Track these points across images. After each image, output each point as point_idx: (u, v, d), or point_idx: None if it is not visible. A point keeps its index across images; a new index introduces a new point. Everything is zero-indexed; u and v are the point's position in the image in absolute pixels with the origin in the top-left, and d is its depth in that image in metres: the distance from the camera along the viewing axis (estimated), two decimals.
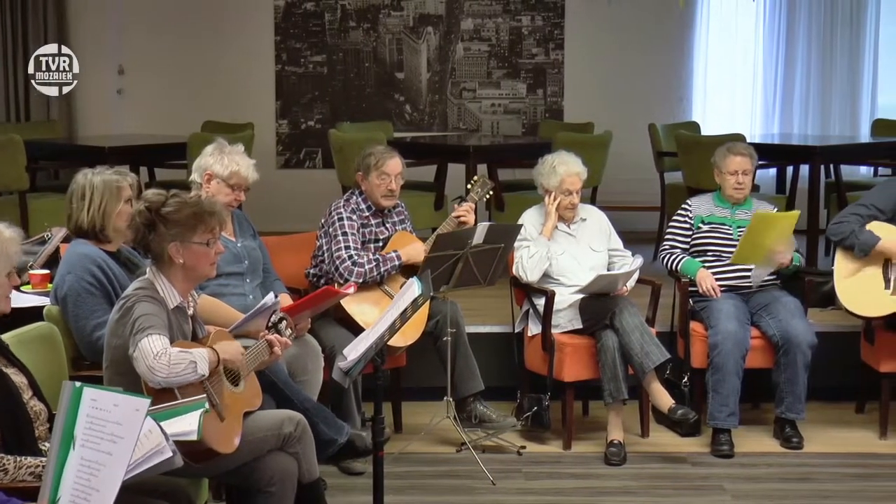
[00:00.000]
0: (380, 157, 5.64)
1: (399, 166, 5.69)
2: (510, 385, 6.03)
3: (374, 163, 5.63)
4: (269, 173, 9.77)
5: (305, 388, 4.84)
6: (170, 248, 3.91)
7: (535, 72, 10.21)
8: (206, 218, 3.97)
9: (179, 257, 3.92)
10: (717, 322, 5.68)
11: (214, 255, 4.02)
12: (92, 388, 3.14)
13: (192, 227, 3.94)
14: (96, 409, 3.10)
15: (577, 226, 5.94)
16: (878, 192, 5.87)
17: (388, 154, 5.69)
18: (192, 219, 3.94)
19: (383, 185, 5.63)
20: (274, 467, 3.98)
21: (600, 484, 5.30)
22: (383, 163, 5.63)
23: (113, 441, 3.04)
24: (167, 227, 3.91)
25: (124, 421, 3.06)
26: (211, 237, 3.98)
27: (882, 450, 5.71)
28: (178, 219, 3.93)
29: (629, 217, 8.57)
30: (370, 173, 5.64)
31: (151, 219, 3.93)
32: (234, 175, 5.11)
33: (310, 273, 5.72)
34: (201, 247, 3.95)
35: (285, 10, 10.07)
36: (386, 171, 5.63)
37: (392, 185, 5.64)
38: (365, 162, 5.67)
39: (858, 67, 10.19)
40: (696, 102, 10.26)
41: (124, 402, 3.09)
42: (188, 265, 3.95)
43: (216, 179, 5.11)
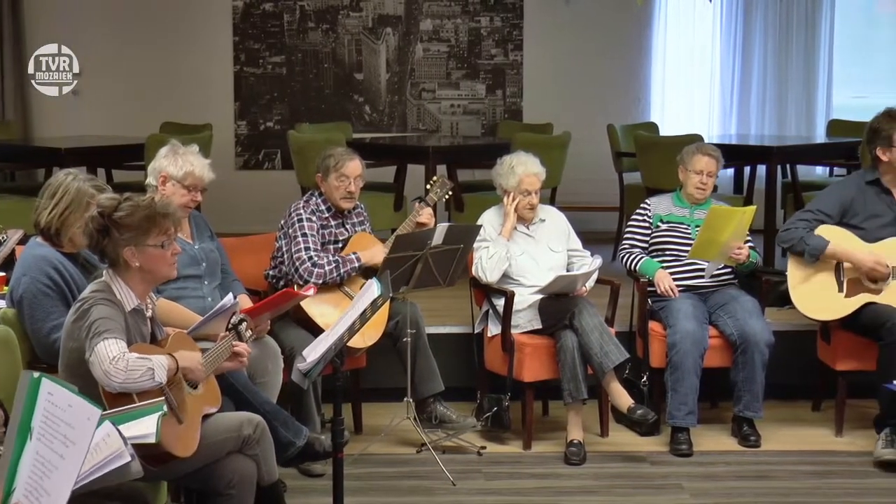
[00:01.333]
0: (339, 159, 5.63)
1: (359, 168, 5.68)
2: (470, 386, 6.04)
3: (334, 164, 5.62)
4: (227, 174, 9.75)
5: (265, 390, 4.83)
6: (125, 252, 3.89)
7: (494, 72, 10.23)
8: (160, 220, 3.95)
9: (135, 261, 3.90)
10: (676, 321, 5.71)
11: (171, 256, 4.00)
12: (50, 381, 3.10)
13: (145, 231, 3.91)
14: (52, 404, 3.06)
15: (535, 226, 5.95)
16: (823, 197, 5.92)
17: (347, 156, 5.68)
18: (146, 222, 3.92)
19: (342, 186, 5.62)
20: (233, 470, 3.97)
21: (560, 484, 5.32)
22: (343, 164, 5.62)
23: (65, 444, 3.01)
24: (120, 231, 3.89)
25: (77, 425, 3.03)
26: (166, 239, 3.96)
27: (838, 447, 5.76)
28: (132, 223, 3.90)
29: (588, 217, 8.60)
30: (329, 175, 5.63)
31: (104, 224, 3.90)
32: (188, 175, 5.08)
33: (269, 274, 5.71)
34: (156, 249, 3.93)
35: (243, 10, 10.03)
36: (345, 172, 5.62)
37: (351, 188, 5.63)
38: (324, 163, 5.66)
39: (814, 68, 10.28)
40: (654, 103, 10.31)
41: (78, 405, 3.05)
42: (145, 268, 3.93)
43: (171, 181, 5.07)
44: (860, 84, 10.85)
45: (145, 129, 8.45)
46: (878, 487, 5.24)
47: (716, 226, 5.73)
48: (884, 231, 5.71)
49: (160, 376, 3.74)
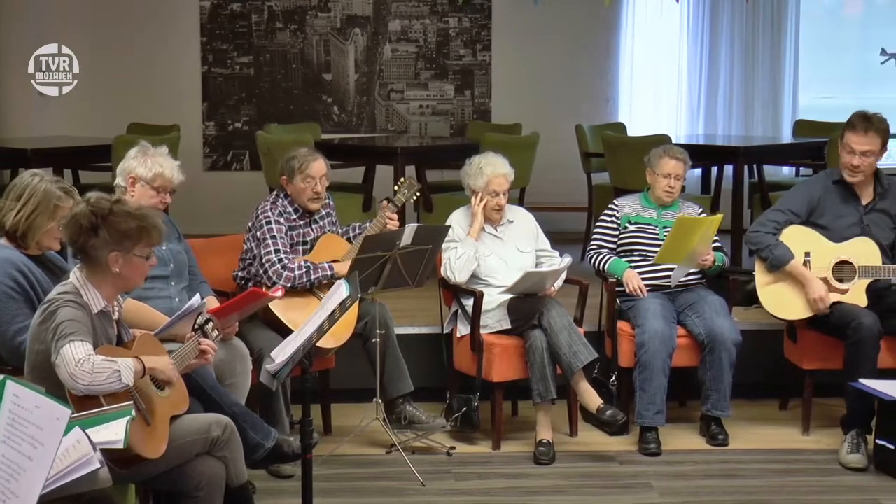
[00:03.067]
0: (303, 160, 5.61)
1: (323, 168, 5.66)
2: (439, 386, 6.04)
3: (298, 166, 5.60)
4: (195, 175, 9.67)
5: (233, 392, 4.81)
6: (110, 256, 3.88)
7: (462, 73, 10.24)
8: (151, 232, 3.96)
9: (117, 267, 3.89)
10: (644, 321, 5.74)
11: (149, 267, 4.01)
12: (15, 383, 3.09)
13: (136, 240, 3.92)
14: (18, 406, 3.04)
15: (504, 227, 5.96)
16: (792, 196, 5.96)
17: (311, 156, 5.65)
18: (138, 231, 3.92)
19: (309, 188, 5.60)
20: (201, 472, 3.96)
21: (529, 483, 5.33)
22: (307, 165, 5.60)
23: (33, 445, 2.99)
24: (111, 234, 3.88)
25: (45, 426, 3.01)
26: (150, 251, 3.97)
27: (805, 445, 5.80)
28: (125, 229, 3.90)
29: (557, 218, 8.62)
30: (295, 177, 5.61)
31: (96, 223, 3.88)
32: (158, 177, 5.06)
33: (237, 276, 5.69)
34: (140, 259, 3.95)
35: (211, 11, 10.00)
36: (311, 173, 5.60)
37: (318, 188, 5.62)
38: (289, 165, 5.63)
39: (780, 69, 10.34)
40: (622, 103, 10.35)
41: (46, 406, 3.04)
42: (123, 275, 3.92)
43: (140, 182, 5.05)
44: (826, 85, 10.94)
45: (113, 129, 8.41)
46: (844, 485, 5.28)
47: (682, 234, 5.76)
48: (849, 231, 5.75)
49: (126, 378, 3.73)
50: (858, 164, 5.69)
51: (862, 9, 11.39)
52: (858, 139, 5.66)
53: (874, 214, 5.79)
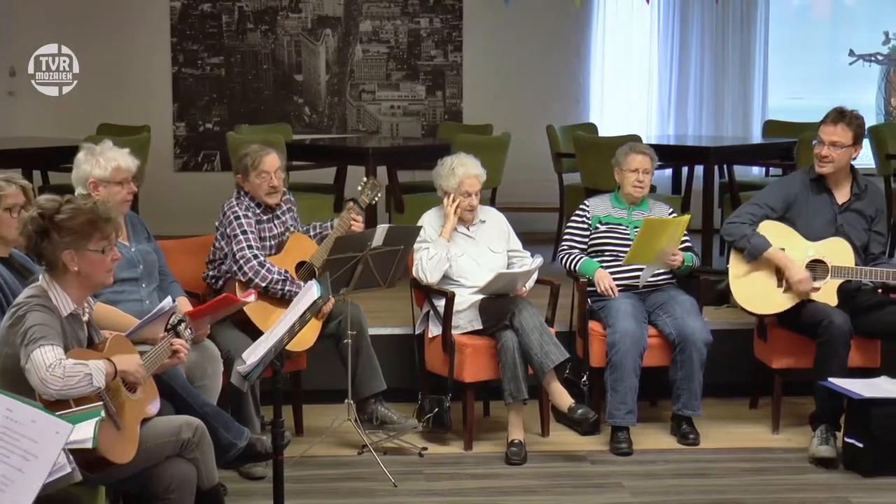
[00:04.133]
0: (255, 157, 5.59)
1: (276, 161, 5.64)
2: (411, 387, 6.04)
3: (251, 163, 5.58)
4: (166, 176, 9.71)
5: (204, 393, 4.80)
6: (64, 255, 3.85)
7: (434, 74, 10.24)
8: (102, 225, 3.91)
9: (74, 265, 3.86)
10: (615, 321, 5.75)
11: (111, 261, 3.97)
12: (7, 398, 3.06)
13: (87, 235, 3.87)
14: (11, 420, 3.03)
15: (476, 228, 5.97)
16: (770, 191, 6.00)
17: (263, 151, 5.63)
18: (88, 226, 3.88)
19: (264, 183, 5.59)
20: (172, 474, 3.95)
21: (501, 484, 5.33)
22: (260, 161, 5.58)
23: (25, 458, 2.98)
24: (61, 234, 3.85)
25: (41, 440, 2.99)
26: (107, 244, 3.93)
27: (775, 444, 5.84)
28: (73, 226, 3.86)
29: (528, 218, 8.63)
30: (249, 174, 5.59)
31: (45, 226, 3.85)
32: (116, 171, 5.01)
33: (208, 276, 5.67)
34: (97, 254, 3.90)
35: (181, 11, 9.96)
36: (264, 168, 5.58)
37: (274, 182, 5.60)
38: (242, 163, 5.62)
39: (750, 69, 10.40)
40: (593, 104, 10.38)
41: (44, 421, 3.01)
42: (83, 273, 3.89)
43: (102, 184, 5.00)
44: (795, 85, 11.01)
45: (82, 130, 8.35)
46: (814, 483, 5.32)
47: (650, 235, 5.78)
48: (823, 229, 5.78)
49: (98, 381, 3.71)
50: (827, 154, 5.73)
51: (830, 10, 11.47)
52: (828, 129, 5.71)
53: (849, 214, 5.82)
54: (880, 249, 5.88)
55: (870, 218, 5.85)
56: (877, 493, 5.19)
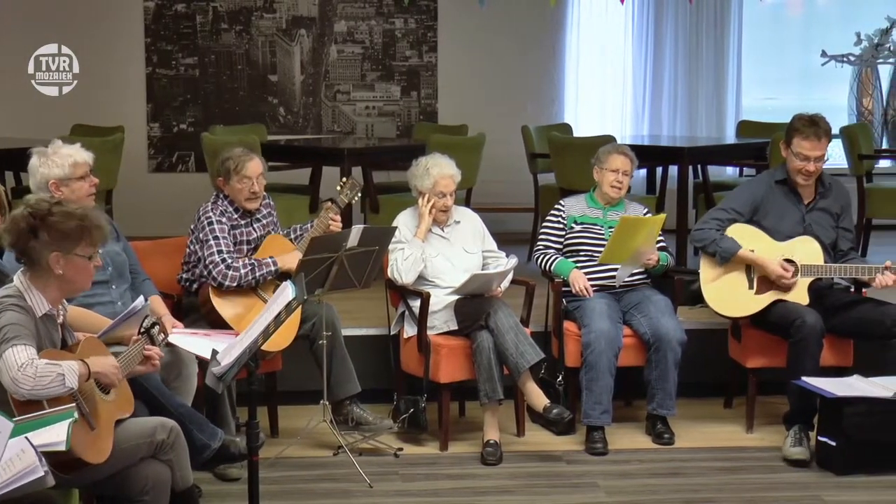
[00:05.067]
0: (238, 161, 5.58)
1: (259, 167, 5.63)
2: (386, 387, 6.04)
3: (234, 167, 5.57)
4: (140, 177, 9.67)
5: (179, 394, 4.79)
6: (50, 257, 3.85)
7: (408, 74, 10.24)
8: (93, 232, 3.93)
9: (59, 268, 3.86)
10: (590, 321, 5.77)
11: (93, 268, 3.98)
12: None
13: (76, 240, 3.89)
14: None
15: (450, 228, 5.97)
16: (736, 195, 6.02)
17: (246, 157, 5.62)
18: (78, 231, 3.89)
19: (246, 188, 5.58)
20: (147, 475, 3.94)
21: (477, 484, 5.34)
22: (242, 166, 5.57)
23: None
24: (51, 235, 3.85)
25: None
26: (93, 251, 3.94)
27: (749, 443, 5.86)
28: (64, 229, 3.87)
29: (503, 218, 8.65)
30: (231, 178, 5.58)
31: (35, 225, 3.86)
32: (74, 166, 4.97)
33: (182, 278, 5.66)
34: (83, 260, 3.91)
35: (155, 11, 9.92)
36: (247, 174, 5.57)
37: (255, 188, 5.59)
38: (224, 167, 5.60)
39: (723, 70, 10.44)
40: (567, 104, 10.39)
41: None
42: (67, 276, 3.89)
43: (63, 183, 4.96)
44: (768, 86, 11.07)
45: (55, 131, 8.27)
46: (787, 482, 5.34)
47: (626, 235, 5.80)
48: (791, 230, 5.82)
49: (71, 382, 3.69)
50: (814, 170, 5.76)
51: (803, 11, 11.55)
52: (812, 145, 5.72)
53: (816, 213, 5.86)
54: (848, 245, 5.92)
55: (836, 215, 5.89)
56: (849, 491, 5.22)
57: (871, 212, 8.66)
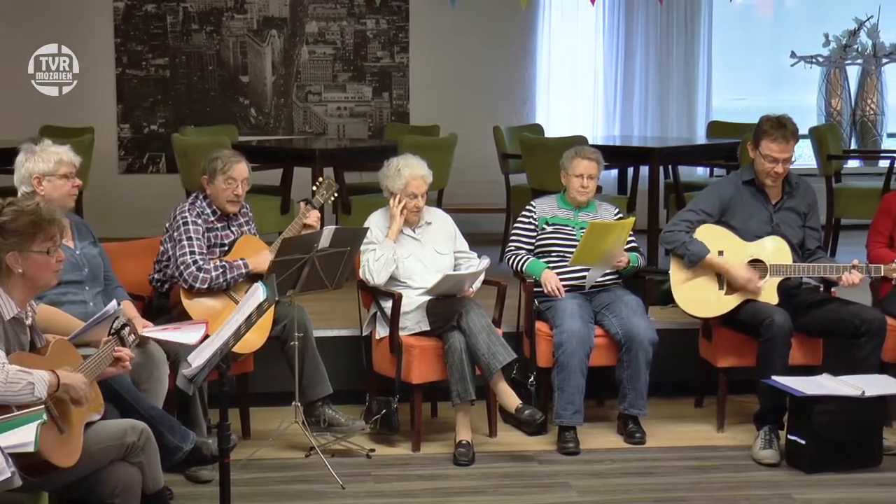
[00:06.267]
0: (227, 162, 5.59)
1: (246, 171, 5.64)
2: (358, 388, 6.03)
3: (221, 167, 5.58)
4: (110, 178, 9.63)
5: (150, 396, 4.77)
6: (7, 257, 3.82)
7: (380, 75, 10.24)
8: (46, 226, 3.89)
9: (18, 267, 3.84)
10: (562, 321, 5.78)
11: (56, 263, 3.95)
12: None
13: (30, 236, 3.86)
14: None
15: (422, 229, 5.97)
16: (704, 197, 6.04)
17: (234, 158, 5.64)
18: (31, 227, 3.86)
19: (229, 189, 5.58)
20: (117, 478, 3.92)
21: (449, 484, 5.34)
22: (230, 167, 5.58)
23: None
24: (4, 236, 3.83)
25: None
26: (51, 245, 3.91)
27: (720, 442, 5.89)
28: (16, 227, 3.84)
29: (475, 219, 8.65)
30: (216, 177, 5.58)
31: None
32: (59, 164, 5.00)
33: (153, 278, 5.64)
34: (41, 255, 3.88)
35: (125, 12, 9.88)
36: (233, 175, 5.57)
37: (238, 190, 5.60)
38: (211, 166, 5.61)
39: (694, 71, 10.48)
40: (539, 105, 10.41)
41: None
42: (28, 275, 3.87)
43: (46, 178, 4.98)
44: (738, 87, 11.15)
45: (24, 132, 8.25)
46: (757, 480, 5.37)
47: (595, 239, 5.82)
48: (759, 230, 5.85)
49: (40, 391, 3.68)
50: (782, 172, 5.80)
51: (773, 12, 11.62)
52: (780, 147, 5.75)
53: (783, 213, 5.90)
54: (816, 244, 5.96)
55: (803, 214, 5.93)
56: (819, 489, 5.26)
57: (840, 212, 8.72)
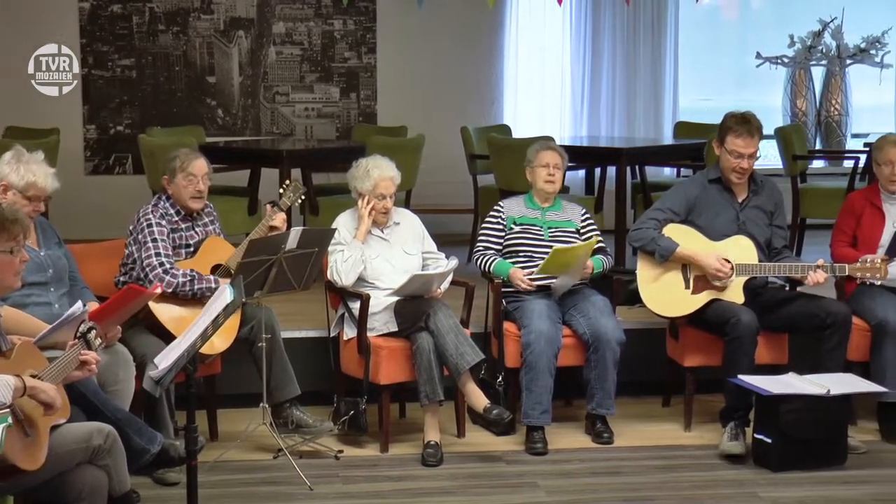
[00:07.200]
0: (185, 159, 5.58)
1: (205, 167, 5.63)
2: (326, 389, 6.02)
3: (180, 165, 5.56)
4: (76, 179, 9.56)
5: (117, 399, 4.75)
6: None
7: (348, 76, 10.22)
8: (8, 226, 3.87)
9: None
10: (530, 322, 5.79)
11: (19, 264, 3.92)
12: None
13: None
14: None
15: (390, 230, 5.97)
16: (671, 195, 6.07)
17: (193, 155, 5.64)
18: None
19: (191, 186, 5.56)
20: (83, 481, 3.90)
21: (418, 485, 5.34)
22: (189, 164, 5.57)
23: None
24: None
25: None
26: (14, 245, 3.88)
27: (687, 441, 5.91)
28: None
29: (443, 219, 8.65)
30: (176, 176, 5.57)
31: None
32: (30, 186, 4.97)
33: (119, 281, 5.61)
34: (4, 256, 3.86)
35: (90, 12, 9.82)
36: (192, 171, 5.56)
37: (200, 186, 5.58)
38: (170, 165, 5.60)
39: (660, 72, 10.52)
40: (506, 105, 10.42)
41: None
42: None
43: (12, 190, 4.94)
44: (705, 87, 11.20)
45: None
46: (724, 479, 5.40)
47: (557, 261, 5.84)
48: (726, 228, 5.88)
49: (4, 396, 3.65)
50: (748, 167, 5.83)
51: (738, 13, 11.69)
52: (745, 143, 5.79)
53: (749, 211, 5.93)
54: (782, 243, 6.00)
55: (769, 213, 5.97)
56: (784, 487, 5.29)
57: (806, 211, 8.77)
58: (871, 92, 10.92)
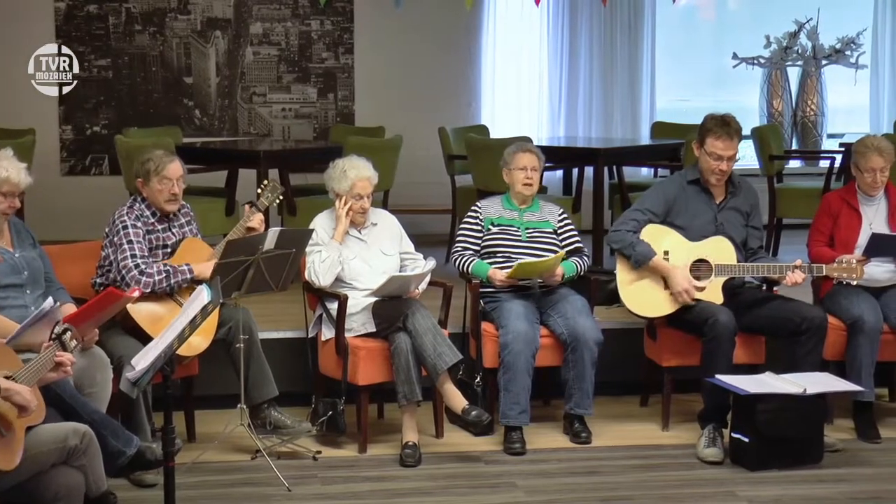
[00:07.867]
0: (159, 162, 5.55)
1: (180, 169, 5.60)
2: (304, 390, 6.02)
3: (154, 168, 5.53)
4: (52, 180, 9.52)
5: (93, 400, 4.73)
6: None
7: (325, 76, 10.21)
8: None
9: None
10: (508, 322, 5.80)
11: None
12: None
13: None
14: None
15: (368, 230, 5.97)
16: (650, 196, 6.08)
17: (167, 158, 5.60)
18: None
19: (166, 189, 5.54)
20: (59, 482, 3.89)
21: (396, 486, 5.34)
22: (163, 167, 5.54)
23: None
24: None
25: None
26: None
27: (664, 441, 5.93)
28: None
29: (421, 220, 8.66)
30: (151, 179, 5.54)
31: None
32: (4, 182, 4.95)
33: (96, 282, 5.59)
34: None
35: (66, 12, 9.77)
36: (167, 175, 5.54)
37: (175, 189, 5.56)
38: (144, 168, 5.57)
39: (638, 72, 10.56)
40: (484, 106, 10.43)
41: None
42: None
43: None
44: (682, 88, 11.25)
45: None
46: (701, 479, 5.42)
47: (523, 272, 5.86)
48: (704, 229, 5.90)
49: None
50: (727, 169, 5.85)
51: (715, 14, 11.73)
52: (725, 145, 5.81)
53: (727, 212, 5.95)
54: (758, 244, 6.03)
55: (746, 214, 6.00)
56: (762, 486, 5.31)
57: (782, 211, 8.81)
58: (846, 92, 10.99)
